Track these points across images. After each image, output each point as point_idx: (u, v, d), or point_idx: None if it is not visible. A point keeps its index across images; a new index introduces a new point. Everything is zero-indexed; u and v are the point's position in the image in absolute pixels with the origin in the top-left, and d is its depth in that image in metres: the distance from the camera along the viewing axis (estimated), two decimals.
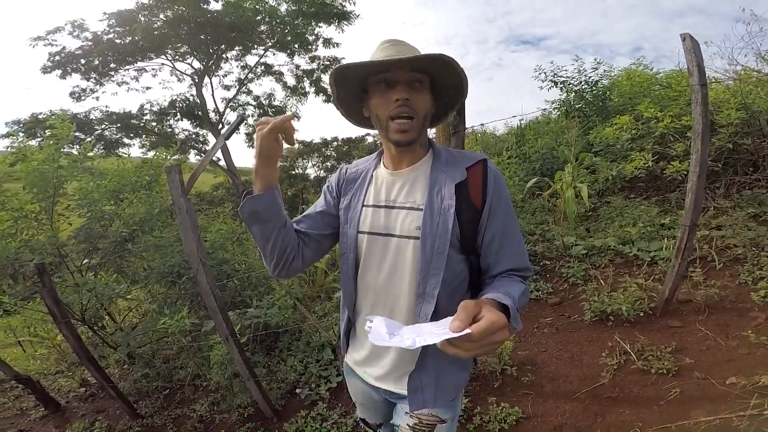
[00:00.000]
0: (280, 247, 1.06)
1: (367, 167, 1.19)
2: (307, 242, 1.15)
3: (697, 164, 2.44)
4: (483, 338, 0.70)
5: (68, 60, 13.53)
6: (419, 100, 1.00)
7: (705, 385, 2.21)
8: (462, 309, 0.73)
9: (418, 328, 0.79)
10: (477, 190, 1.03)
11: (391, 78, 0.99)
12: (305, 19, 14.79)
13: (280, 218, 1.04)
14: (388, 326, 0.79)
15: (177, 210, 1.93)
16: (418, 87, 1.00)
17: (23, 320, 4.00)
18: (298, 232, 1.14)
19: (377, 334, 0.77)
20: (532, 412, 2.37)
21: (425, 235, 1.01)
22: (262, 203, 1.00)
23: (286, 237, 1.07)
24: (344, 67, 1.01)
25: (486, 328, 0.69)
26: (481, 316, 0.73)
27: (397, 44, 1.02)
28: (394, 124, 1.00)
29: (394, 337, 0.76)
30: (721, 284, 2.96)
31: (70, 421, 3.22)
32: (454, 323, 0.70)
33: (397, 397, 1.17)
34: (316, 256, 1.18)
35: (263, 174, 0.99)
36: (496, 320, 0.71)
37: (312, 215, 1.19)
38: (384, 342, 0.74)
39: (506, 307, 0.84)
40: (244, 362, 2.45)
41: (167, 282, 3.58)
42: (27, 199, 3.31)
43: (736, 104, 4.00)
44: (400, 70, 0.98)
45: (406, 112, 0.98)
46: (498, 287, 0.96)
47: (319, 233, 1.17)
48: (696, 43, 2.40)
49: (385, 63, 0.95)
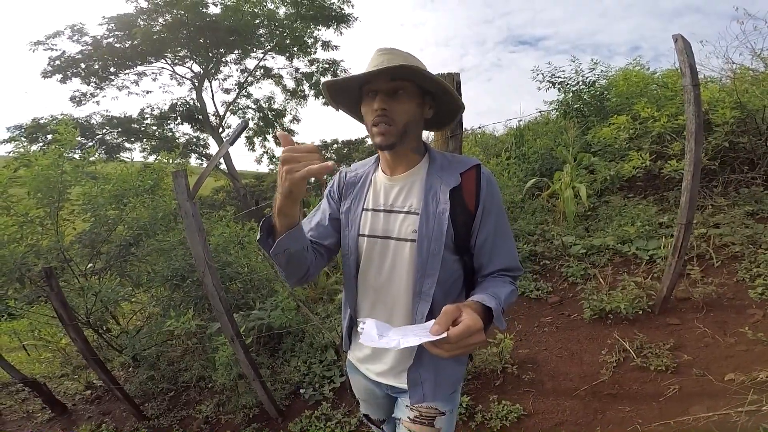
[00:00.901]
0: (303, 267, 1.08)
1: (366, 171, 1.23)
2: (320, 252, 1.18)
3: (692, 163, 2.48)
4: (459, 341, 0.78)
5: (68, 64, 13.57)
6: (399, 109, 1.03)
7: (703, 382, 2.25)
8: (443, 313, 0.81)
9: (405, 330, 0.87)
10: (471, 195, 1.08)
11: (373, 89, 1.04)
12: (304, 22, 14.84)
13: (305, 245, 1.06)
14: (378, 328, 0.87)
15: (183, 214, 1.97)
16: (401, 95, 1.03)
17: (28, 324, 4.04)
18: (312, 242, 1.16)
19: (368, 335, 0.84)
20: (533, 409, 2.41)
21: (421, 238, 1.07)
22: (292, 242, 0.99)
23: (309, 256, 1.09)
24: (332, 82, 1.07)
25: (461, 333, 0.78)
26: (461, 320, 0.81)
27: (387, 53, 1.04)
28: (374, 128, 1.04)
29: (383, 338, 0.83)
30: (719, 282, 2.99)
31: (77, 423, 3.24)
32: (434, 327, 0.78)
33: (399, 392, 1.22)
34: (326, 262, 1.23)
35: (288, 212, 0.94)
36: (471, 325, 0.79)
37: (322, 225, 1.22)
38: (373, 343, 0.81)
39: (490, 308, 0.92)
40: (250, 363, 2.49)
41: (171, 285, 3.62)
42: (32, 204, 3.35)
43: (731, 103, 4.03)
44: (381, 80, 1.02)
45: (383, 121, 1.03)
46: (486, 288, 1.03)
47: (329, 242, 1.20)
48: (688, 43, 2.44)
49: (366, 75, 1.00)
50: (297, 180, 0.83)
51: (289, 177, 0.83)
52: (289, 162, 0.83)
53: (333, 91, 1.11)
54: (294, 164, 0.83)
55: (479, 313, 0.88)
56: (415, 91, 1.06)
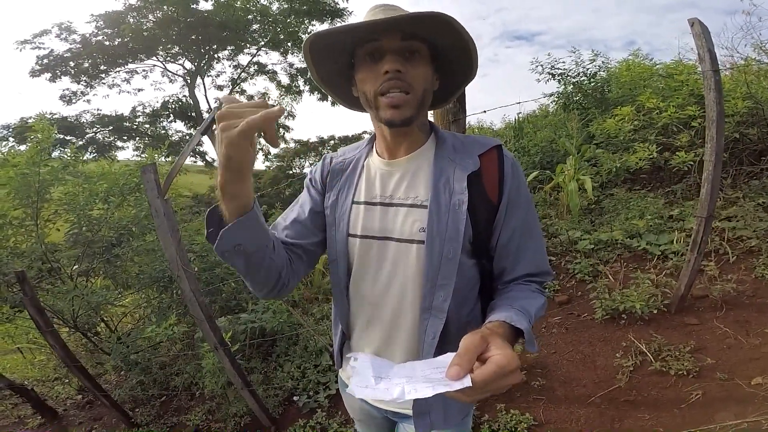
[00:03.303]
0: (272, 274, 0.86)
1: (357, 156, 1.00)
2: (299, 255, 0.96)
3: (713, 153, 2.32)
4: (487, 387, 0.57)
5: (57, 63, 13.43)
6: (415, 73, 0.82)
7: (729, 387, 2.09)
8: (463, 348, 0.60)
9: (412, 370, 0.66)
10: (492, 183, 0.87)
11: (380, 47, 0.81)
12: (297, 17, 14.74)
13: (266, 242, 0.82)
14: (375, 367, 0.67)
15: (154, 213, 1.76)
16: (414, 57, 0.83)
17: (16, 328, 3.90)
18: (287, 243, 0.95)
19: (361, 378, 0.64)
20: (544, 418, 2.25)
21: (431, 238, 0.85)
22: (244, 233, 0.75)
23: (277, 259, 0.86)
24: (321, 34, 0.82)
25: (491, 375, 0.57)
26: (488, 355, 0.60)
27: (388, 9, 0.84)
28: (384, 99, 0.82)
29: (381, 381, 0.63)
30: (737, 278, 2.83)
31: (67, 429, 3.16)
32: (452, 369, 0.57)
33: (401, 417, 1.04)
34: (310, 267, 1.01)
35: (235, 192, 0.71)
36: (505, 364, 0.58)
37: (299, 221, 0.99)
38: (368, 391, 0.61)
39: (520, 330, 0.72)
40: (237, 371, 2.31)
41: (159, 287, 3.47)
42: (9, 205, 3.18)
43: (742, 93, 3.90)
44: (390, 37, 0.80)
45: (398, 86, 0.80)
46: (512, 300, 0.83)
47: (310, 242, 0.98)
48: (705, 27, 2.31)
49: (370, 25, 0.78)
50: (234, 138, 0.62)
51: (225, 136, 0.62)
52: (225, 118, 0.63)
53: (317, 51, 0.86)
54: (232, 120, 0.63)
55: (508, 338, 0.69)
56: (428, 55, 0.85)
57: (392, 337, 0.94)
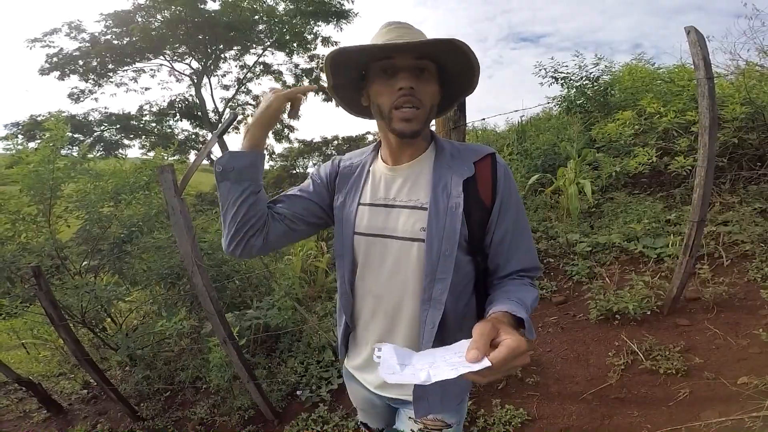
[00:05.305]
0: (244, 216, 0.97)
1: (363, 161, 1.10)
2: (278, 220, 1.04)
3: (705, 159, 2.39)
4: (502, 367, 0.65)
5: (66, 61, 13.56)
6: (425, 90, 0.92)
7: (715, 386, 2.16)
8: (478, 334, 0.67)
9: (432, 356, 0.73)
10: (486, 187, 0.96)
11: (393, 65, 0.91)
12: (303, 18, 14.80)
13: (256, 183, 0.98)
14: (399, 355, 0.74)
15: (170, 210, 1.87)
16: (424, 75, 0.92)
17: (24, 323, 3.98)
18: (272, 209, 1.05)
19: (388, 366, 0.71)
20: (537, 413, 2.32)
21: (431, 237, 0.93)
22: (244, 161, 0.95)
23: (256, 206, 0.98)
24: (342, 50, 0.91)
25: (506, 357, 0.64)
26: (499, 340, 0.67)
27: (401, 27, 0.94)
28: (398, 112, 0.91)
29: (406, 368, 0.70)
30: (730, 281, 2.90)
31: (72, 423, 3.20)
32: (470, 352, 0.64)
33: (401, 403, 1.12)
34: (283, 240, 1.07)
35: (255, 134, 0.97)
36: (516, 347, 0.65)
37: (293, 196, 1.09)
38: (396, 376, 0.68)
39: (521, 318, 0.80)
40: (243, 365, 2.41)
41: (167, 283, 3.55)
42: (24, 201, 3.28)
43: (740, 99, 3.94)
44: (405, 57, 0.90)
45: (411, 102, 0.90)
46: (509, 293, 0.91)
47: (294, 214, 1.06)
48: (701, 35, 2.36)
49: (389, 47, 0.87)
50: (281, 95, 0.96)
51: (274, 93, 0.97)
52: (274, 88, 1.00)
53: (336, 65, 0.96)
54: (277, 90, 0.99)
55: (513, 326, 0.77)
56: (436, 73, 0.95)
57: (395, 327, 1.03)
